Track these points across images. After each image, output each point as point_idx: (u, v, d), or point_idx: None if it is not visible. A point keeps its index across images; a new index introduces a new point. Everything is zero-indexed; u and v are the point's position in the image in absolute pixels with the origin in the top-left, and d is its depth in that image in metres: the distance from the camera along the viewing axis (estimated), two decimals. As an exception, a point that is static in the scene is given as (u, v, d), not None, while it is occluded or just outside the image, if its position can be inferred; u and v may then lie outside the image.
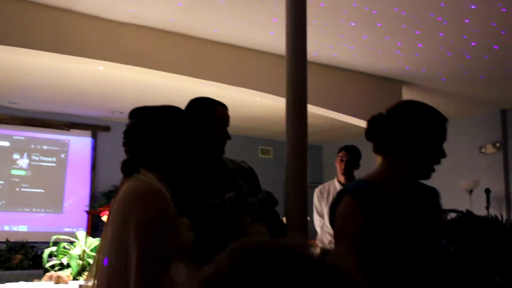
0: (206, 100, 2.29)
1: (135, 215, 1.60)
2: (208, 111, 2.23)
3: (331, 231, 3.35)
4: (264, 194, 2.07)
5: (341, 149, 4.18)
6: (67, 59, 4.61)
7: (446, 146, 1.87)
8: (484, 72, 5.65)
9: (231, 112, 2.26)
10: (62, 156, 7.92)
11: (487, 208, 6.18)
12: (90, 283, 1.70)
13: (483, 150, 7.14)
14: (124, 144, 1.79)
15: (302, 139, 2.00)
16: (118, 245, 1.60)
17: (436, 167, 1.90)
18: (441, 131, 1.86)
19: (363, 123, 6.63)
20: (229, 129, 2.23)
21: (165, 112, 1.80)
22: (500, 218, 1.54)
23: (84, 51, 4.52)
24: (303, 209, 1.96)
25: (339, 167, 4.13)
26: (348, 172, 4.10)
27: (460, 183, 6.76)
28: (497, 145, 7.04)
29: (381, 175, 1.85)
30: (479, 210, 6.35)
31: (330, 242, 4.07)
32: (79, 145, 7.99)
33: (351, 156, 4.11)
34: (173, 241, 1.58)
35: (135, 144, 1.76)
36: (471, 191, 6.73)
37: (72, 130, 7.89)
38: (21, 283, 4.60)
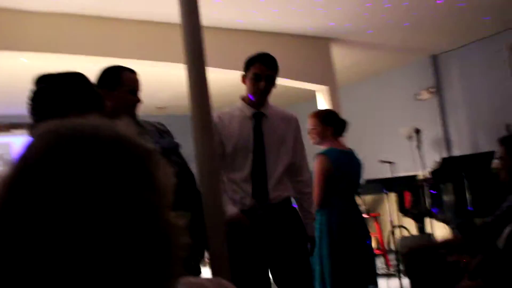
0: (114, 67, 2.44)
1: None
2: (115, 76, 2.37)
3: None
4: (166, 140, 2.20)
5: (253, 60, 2.83)
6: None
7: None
8: (407, 19, 5.81)
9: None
10: (7, 158, 7.78)
11: (418, 147, 6.45)
12: None
13: (418, 97, 7.38)
14: (31, 110, 1.84)
15: (204, 102, 2.03)
16: None
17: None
18: None
19: (296, 84, 6.78)
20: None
21: (67, 78, 1.87)
22: None
23: (8, 44, 4.46)
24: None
25: (253, 87, 2.81)
26: (266, 93, 2.85)
27: (400, 131, 7.00)
28: (432, 90, 7.29)
29: None
30: (417, 153, 6.62)
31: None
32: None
33: (272, 71, 2.86)
34: None
35: (40, 109, 1.81)
36: (411, 138, 6.97)
37: (12, 131, 7.75)
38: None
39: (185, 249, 0.65)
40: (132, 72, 2.43)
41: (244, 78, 2.86)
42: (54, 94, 1.81)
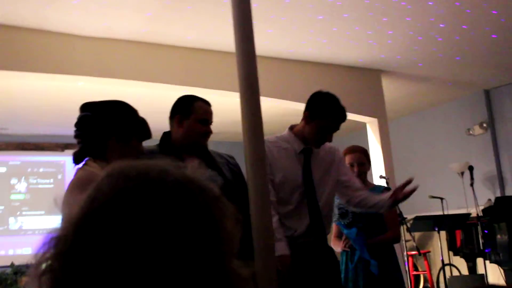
0: (188, 96, 2.51)
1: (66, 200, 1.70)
2: (188, 105, 2.43)
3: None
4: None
5: (335, 113, 2.73)
6: (48, 78, 4.76)
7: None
8: (459, 53, 5.72)
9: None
10: (59, 177, 8.04)
11: (471, 184, 6.21)
12: None
13: (471, 132, 7.19)
14: (75, 136, 1.92)
15: (258, 132, 2.03)
16: None
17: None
18: None
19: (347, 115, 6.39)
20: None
21: (110, 106, 1.93)
22: None
23: (64, 68, 4.66)
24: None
25: (321, 137, 2.76)
26: None
27: (451, 166, 6.81)
28: (484, 125, 7.09)
29: None
30: (469, 189, 6.40)
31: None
32: (75, 165, 8.11)
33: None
34: None
35: (84, 136, 1.88)
36: (462, 173, 6.77)
37: (66, 151, 8.00)
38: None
39: None
40: (205, 102, 2.46)
41: (309, 118, 2.73)
42: (96, 122, 1.88)
